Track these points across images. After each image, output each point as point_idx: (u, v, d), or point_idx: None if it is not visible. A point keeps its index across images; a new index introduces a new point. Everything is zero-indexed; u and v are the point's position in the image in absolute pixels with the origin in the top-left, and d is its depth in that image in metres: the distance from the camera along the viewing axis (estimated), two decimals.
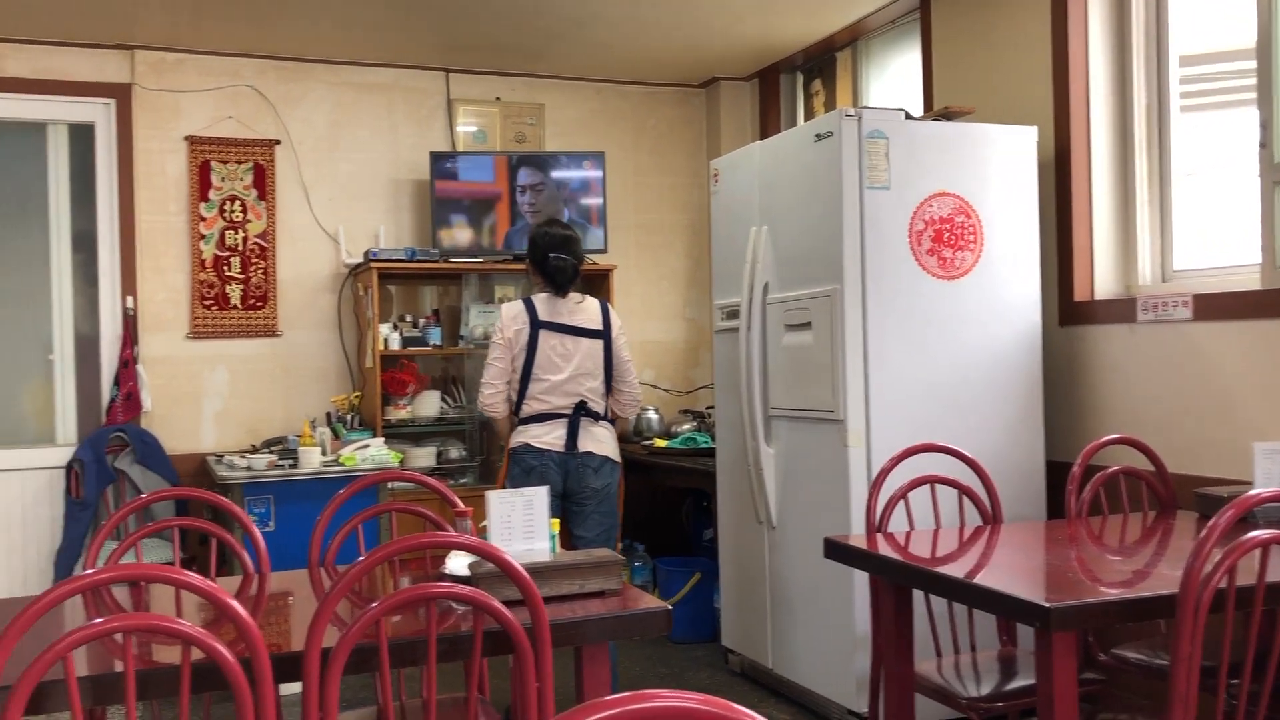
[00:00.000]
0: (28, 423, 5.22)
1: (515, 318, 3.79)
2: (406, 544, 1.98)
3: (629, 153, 6.04)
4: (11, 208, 5.18)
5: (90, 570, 1.85)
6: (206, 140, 5.25)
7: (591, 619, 2.22)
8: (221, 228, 5.27)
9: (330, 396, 5.38)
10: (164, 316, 5.21)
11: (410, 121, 5.63)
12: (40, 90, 5.05)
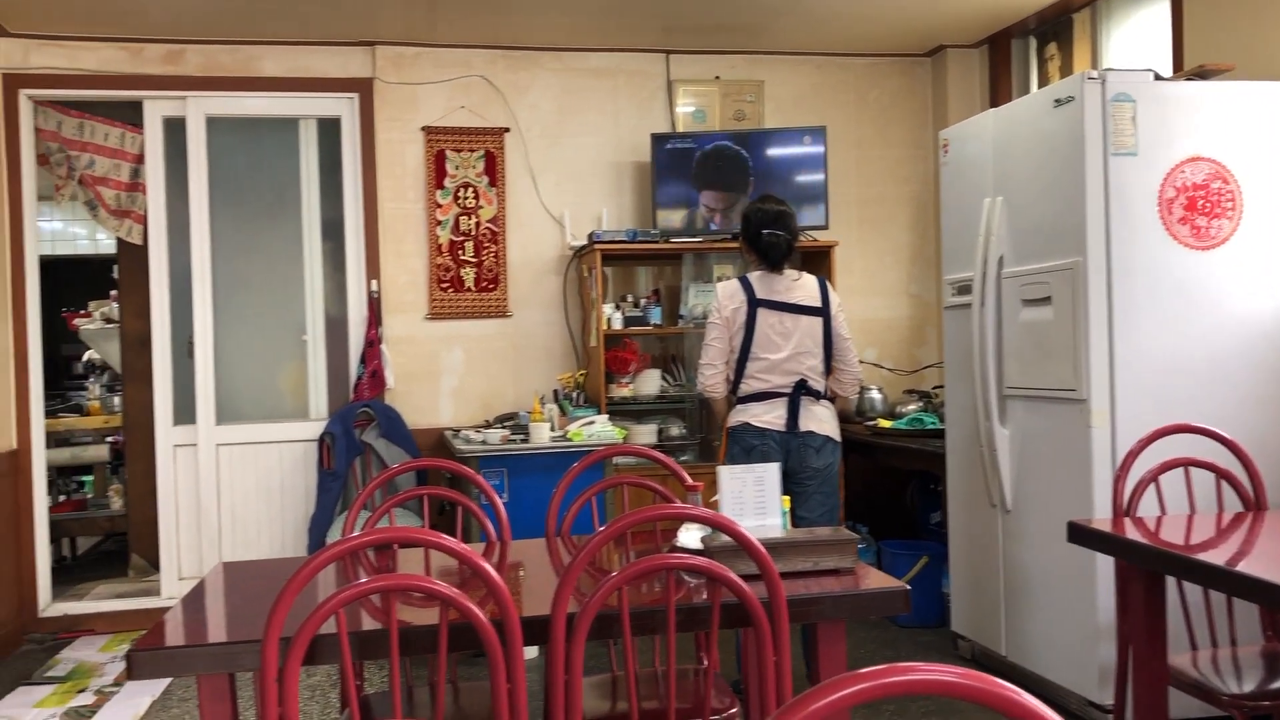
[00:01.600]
0: (285, 399, 5.63)
1: (732, 296, 3.76)
2: (651, 513, 2.01)
3: (851, 126, 5.93)
4: (269, 199, 5.59)
5: (354, 534, 1.98)
6: (441, 130, 5.50)
7: (827, 596, 2.20)
8: (456, 214, 5.52)
9: (556, 374, 5.54)
10: (405, 299, 5.50)
11: (632, 104, 5.72)
12: (292, 88, 5.42)
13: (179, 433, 5.38)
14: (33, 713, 4.05)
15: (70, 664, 4.66)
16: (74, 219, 9.16)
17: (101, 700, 4.17)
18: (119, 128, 5.46)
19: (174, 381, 5.39)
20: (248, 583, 2.57)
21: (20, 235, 5.19)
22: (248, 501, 5.40)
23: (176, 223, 5.41)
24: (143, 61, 5.29)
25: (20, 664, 4.72)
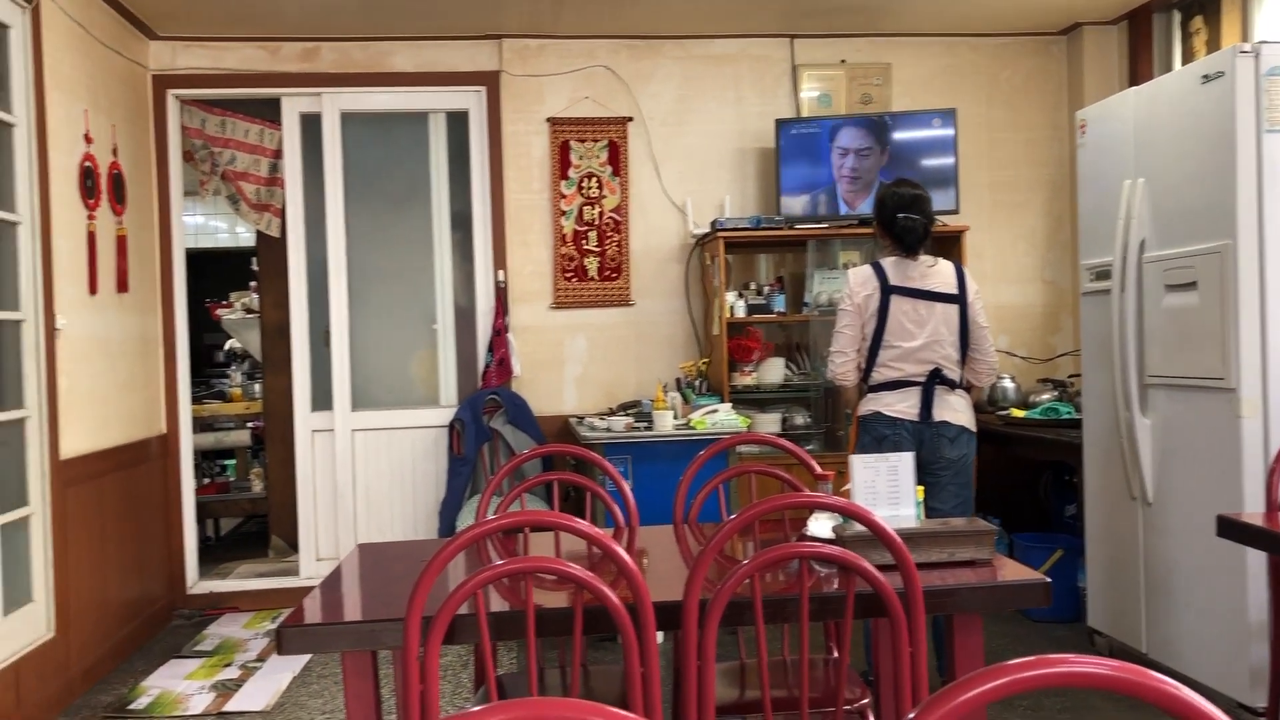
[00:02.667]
0: (416, 386, 5.77)
1: (864, 282, 3.68)
2: (786, 501, 2.00)
3: (981, 108, 5.78)
4: (401, 192, 5.73)
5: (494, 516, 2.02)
6: (566, 121, 5.55)
7: (964, 587, 2.16)
8: (580, 204, 5.57)
9: (679, 363, 5.55)
10: (530, 288, 5.58)
11: (755, 90, 5.68)
12: (423, 82, 5.54)
13: (316, 418, 5.57)
14: (184, 684, 4.25)
15: (216, 639, 4.88)
16: (215, 213, 9.55)
17: (246, 675, 4.35)
18: (258, 124, 5.67)
19: (312, 369, 5.58)
20: (384, 564, 2.65)
21: (169, 229, 5.43)
22: (381, 485, 5.56)
23: (313, 216, 5.59)
24: (280, 60, 5.48)
25: (171, 638, 4.96)
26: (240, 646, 4.75)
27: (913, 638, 1.97)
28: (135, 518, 4.90)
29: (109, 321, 4.70)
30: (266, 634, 4.95)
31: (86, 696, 4.16)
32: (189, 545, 5.49)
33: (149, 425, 5.17)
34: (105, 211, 4.69)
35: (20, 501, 3.92)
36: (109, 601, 4.55)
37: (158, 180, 5.40)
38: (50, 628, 4.00)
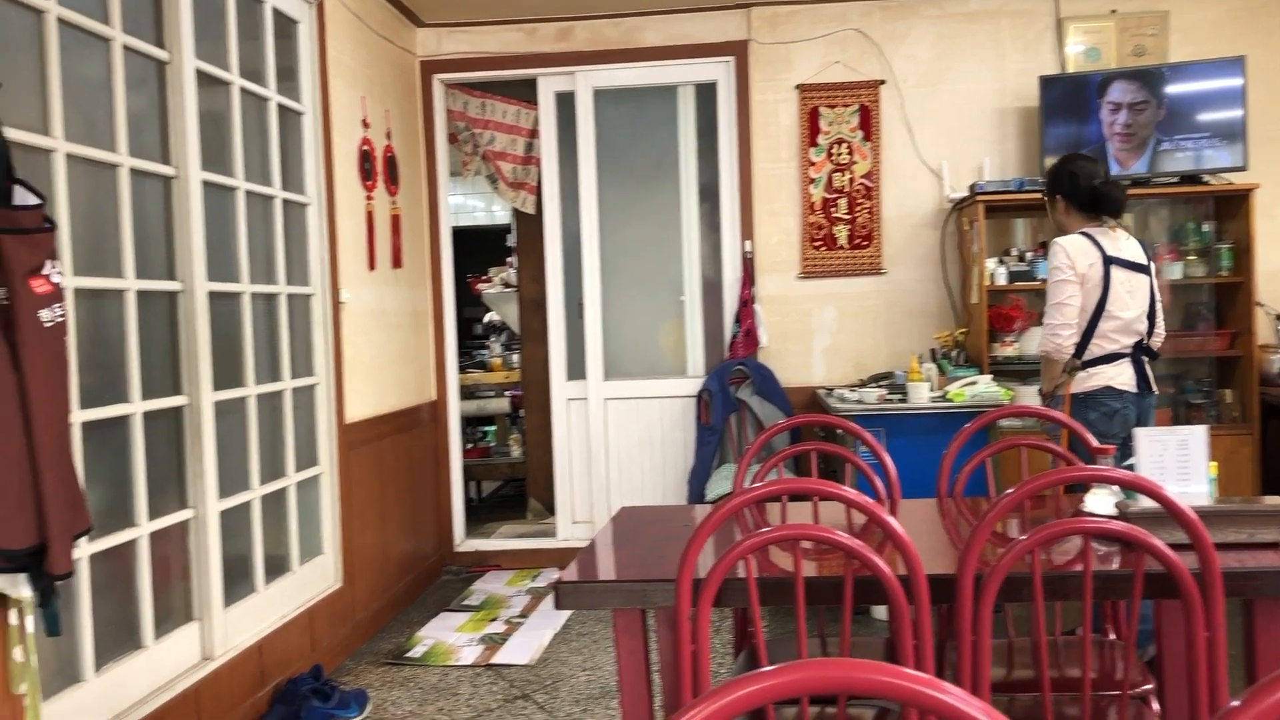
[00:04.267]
0: (664, 356, 5.87)
1: (1085, 252, 3.56)
2: (1072, 474, 1.91)
3: (1276, 55, 5.28)
4: (649, 165, 5.82)
5: (760, 484, 2.03)
6: (815, 87, 5.47)
7: (1268, 571, 1.99)
8: (829, 171, 5.48)
9: (932, 333, 5.38)
10: (777, 258, 5.55)
11: (1016, 47, 5.41)
12: (671, 55, 5.59)
13: (571, 387, 5.76)
14: (454, 635, 4.52)
15: (482, 595, 5.16)
16: (472, 192, 10.01)
17: (511, 630, 4.57)
18: (515, 105, 5.90)
19: (567, 340, 5.77)
20: (646, 526, 2.71)
21: (436, 208, 5.74)
22: (631, 452, 5.70)
23: (567, 191, 5.77)
24: (537, 40, 5.67)
25: (441, 592, 5.28)
26: (504, 603, 5.00)
27: (1210, 622, 1.84)
28: (409, 479, 5.24)
29: (385, 295, 5.03)
30: (528, 591, 5.18)
31: (369, 643, 4.49)
32: (456, 506, 5.82)
33: (420, 392, 5.50)
34: (381, 192, 5.00)
35: (311, 461, 4.26)
36: (387, 556, 4.88)
37: (426, 161, 5.71)
38: (338, 578, 4.34)
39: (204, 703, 3.25)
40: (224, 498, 3.52)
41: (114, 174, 3.09)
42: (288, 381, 4.07)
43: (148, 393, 3.18)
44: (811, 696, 1.14)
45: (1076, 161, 3.72)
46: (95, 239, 3.01)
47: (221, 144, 3.68)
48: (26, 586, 2.38)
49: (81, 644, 2.84)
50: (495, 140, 5.92)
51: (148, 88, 3.32)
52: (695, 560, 1.90)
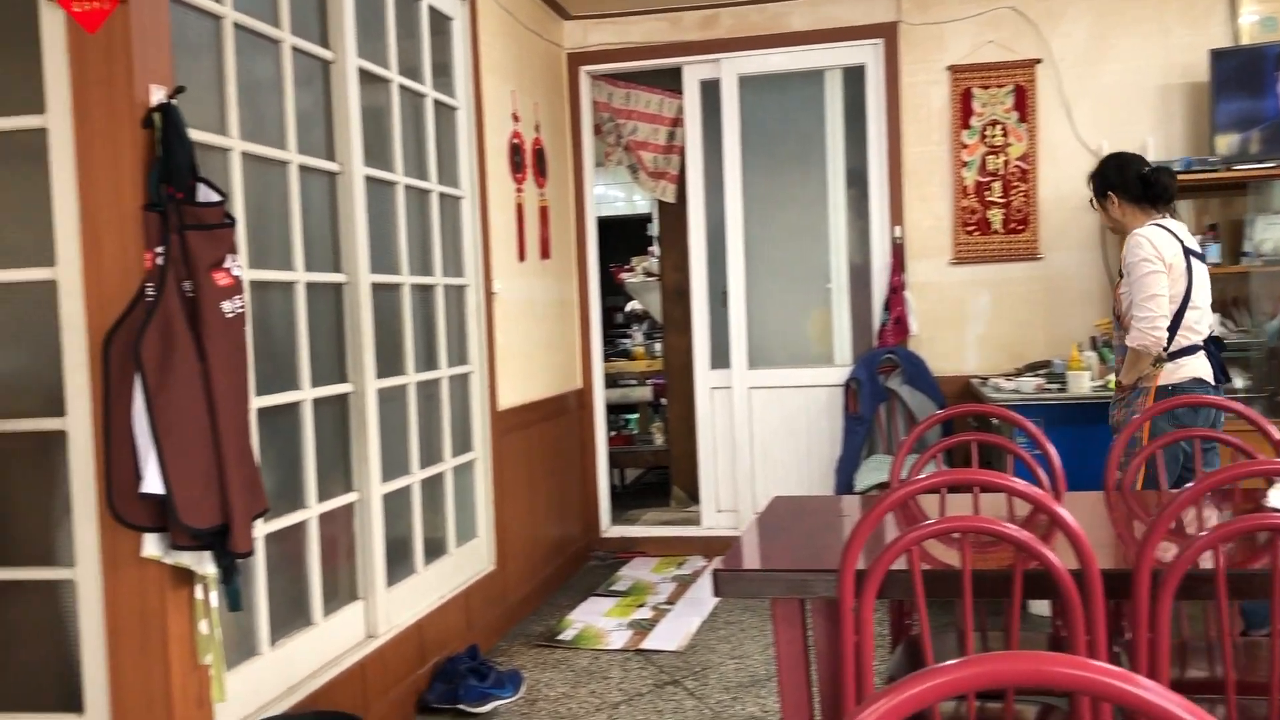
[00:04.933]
0: (810, 344, 5.81)
1: (1168, 243, 3.49)
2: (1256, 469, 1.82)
3: None
4: (795, 151, 5.77)
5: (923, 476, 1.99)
6: (968, 68, 5.33)
7: None
8: (983, 153, 5.33)
9: (1093, 320, 5.19)
10: (928, 244, 5.43)
11: (1182, 20, 5.15)
12: (818, 40, 5.52)
13: (715, 376, 5.76)
14: (603, 620, 4.58)
15: (629, 581, 5.21)
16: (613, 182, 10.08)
17: (658, 616, 4.61)
18: (658, 94, 5.92)
19: (710, 329, 5.77)
20: (801, 517, 2.70)
21: (582, 199, 5.81)
22: (776, 442, 5.67)
23: (711, 180, 5.76)
24: (681, 29, 5.67)
25: (588, 577, 5.36)
26: (651, 589, 5.04)
27: None
28: (556, 465, 5.33)
29: (534, 286, 5.12)
30: (674, 578, 5.22)
31: (520, 625, 4.60)
32: (602, 492, 5.89)
33: (567, 380, 5.59)
34: (530, 184, 5.09)
35: (466, 447, 4.38)
36: (537, 540, 4.98)
37: (573, 153, 5.79)
38: (491, 561, 4.45)
39: (369, 678, 3.38)
40: (386, 481, 3.64)
41: (284, 171, 3.23)
42: (444, 370, 4.19)
43: (316, 380, 3.31)
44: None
45: (1119, 156, 3.73)
46: (267, 233, 3.16)
47: (381, 140, 3.81)
48: (211, 564, 2.52)
49: (258, 619, 2.99)
50: (638, 130, 5.96)
51: (313, 87, 3.46)
52: (859, 551, 1.88)
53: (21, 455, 2.57)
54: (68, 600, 2.60)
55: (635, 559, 5.65)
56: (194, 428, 2.40)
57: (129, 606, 2.50)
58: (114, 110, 2.47)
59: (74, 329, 2.52)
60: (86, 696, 2.56)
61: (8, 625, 2.67)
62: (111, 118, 2.47)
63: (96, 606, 2.53)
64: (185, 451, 2.38)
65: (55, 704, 2.62)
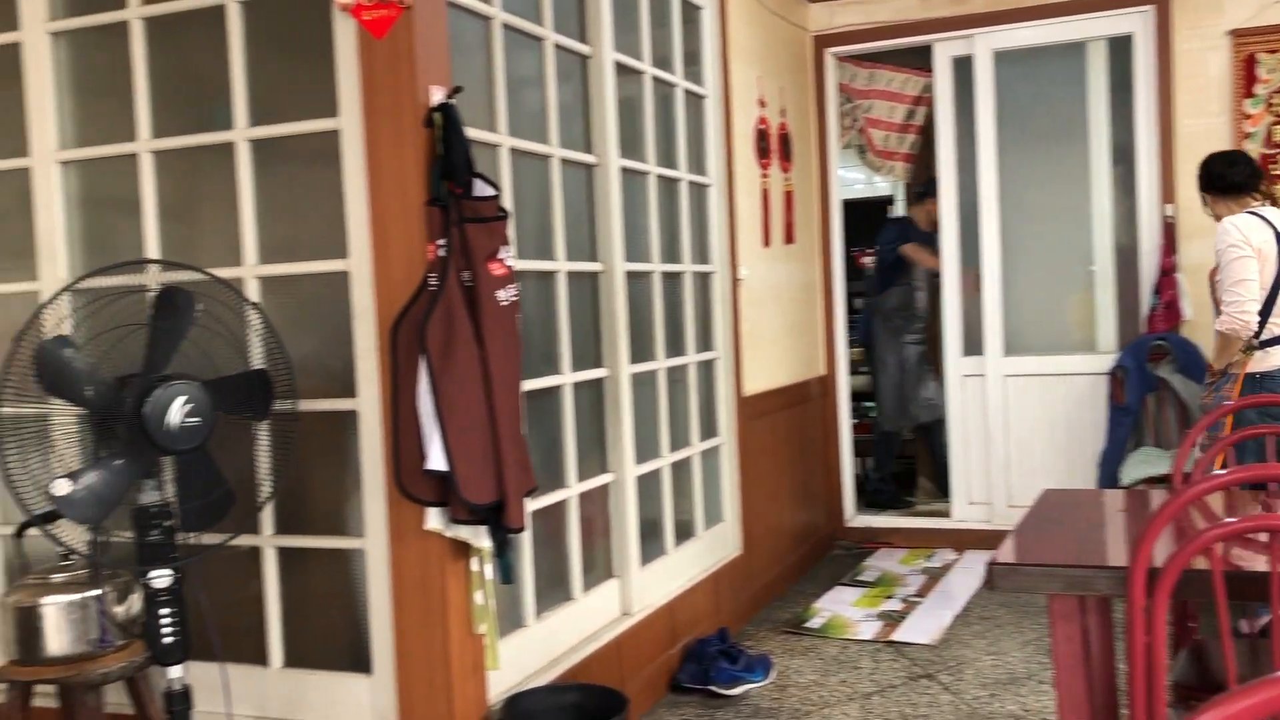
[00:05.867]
0: (1070, 331, 5.53)
1: (1257, 229, 3.58)
2: None
3: None
4: (1053, 128, 5.49)
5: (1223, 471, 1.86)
6: (1252, 31, 4.91)
7: None
8: (1268, 123, 4.91)
9: None
10: (1205, 222, 5.03)
11: None
12: (1079, 10, 5.23)
13: (966, 363, 5.57)
14: (850, 610, 4.53)
15: (876, 572, 5.13)
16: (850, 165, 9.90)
17: (908, 608, 4.52)
18: (903, 73, 5.77)
19: (963, 314, 5.58)
20: (1073, 510, 2.58)
21: (827, 183, 5.74)
22: (1034, 432, 5.42)
23: (960, 160, 5.56)
24: (931, 6, 5.50)
25: (832, 566, 5.31)
26: (899, 581, 4.95)
27: None
28: (800, 453, 5.31)
29: (778, 271, 5.11)
30: (923, 571, 5.09)
31: (766, 611, 4.61)
32: (846, 481, 5.82)
33: (811, 367, 5.55)
34: (775, 169, 5.08)
35: (713, 432, 4.42)
36: (781, 527, 4.98)
37: (817, 136, 5.72)
38: (738, 546, 4.48)
39: (625, 654, 3.48)
40: (639, 464, 3.73)
41: (546, 164, 3.35)
42: (691, 356, 4.25)
43: (575, 365, 3.43)
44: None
45: (1209, 156, 3.98)
46: (530, 225, 3.29)
47: (634, 131, 3.89)
48: (486, 538, 2.66)
49: (524, 593, 3.13)
50: (873, 108, 5.84)
51: (572, 81, 3.57)
52: (1151, 549, 1.78)
53: (318, 433, 2.79)
54: (358, 568, 2.80)
55: (881, 550, 5.55)
56: (473, 409, 2.54)
57: (412, 576, 2.68)
58: (399, 111, 2.63)
59: (364, 316, 2.71)
60: (374, 658, 2.76)
61: (306, 589, 2.91)
62: (397, 118, 2.64)
63: (383, 575, 2.71)
64: (466, 431, 2.52)
65: (347, 664, 2.84)
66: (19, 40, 3.04)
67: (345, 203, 2.72)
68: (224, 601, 2.79)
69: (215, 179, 2.93)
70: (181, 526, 2.46)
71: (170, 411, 2.30)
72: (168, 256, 2.91)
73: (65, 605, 2.50)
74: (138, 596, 2.56)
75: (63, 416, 2.53)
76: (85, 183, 3.09)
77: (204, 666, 2.68)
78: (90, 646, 2.52)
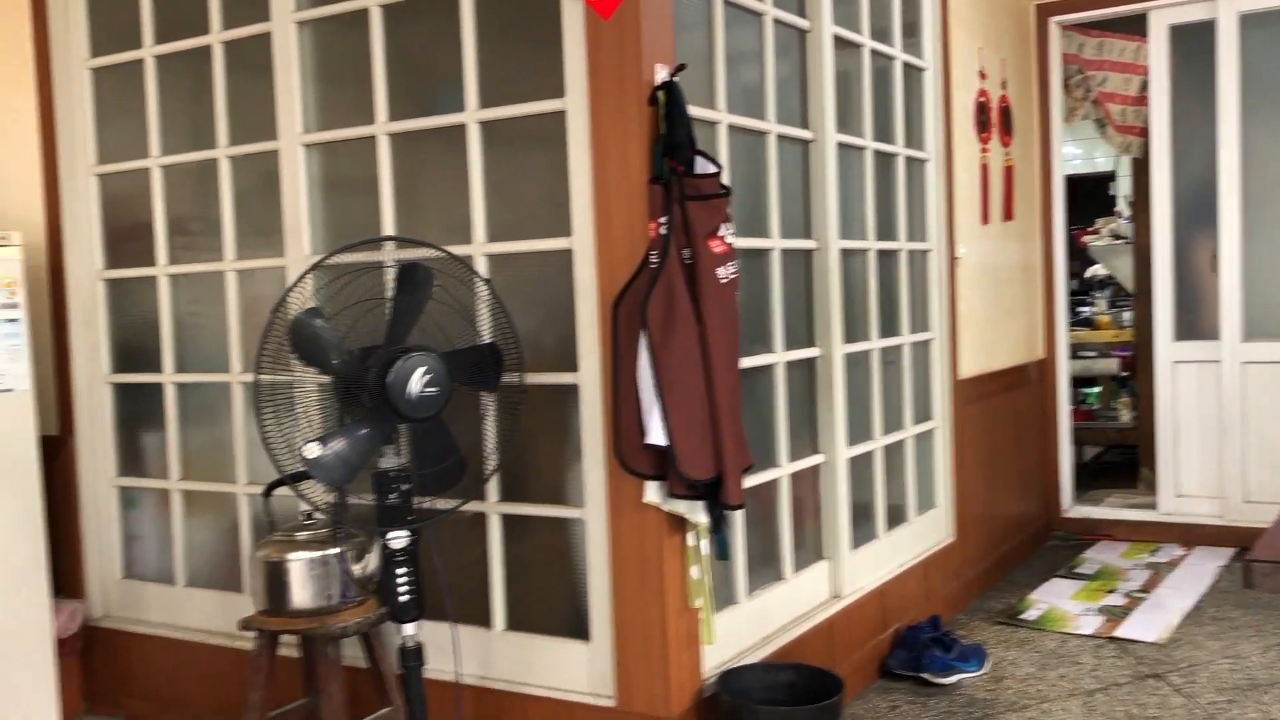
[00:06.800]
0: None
1: None
2: None
3: None
4: None
5: None
6: None
7: None
8: None
9: None
10: None
11: None
12: None
13: (1180, 349, 5.25)
14: (1069, 603, 4.34)
15: (1095, 564, 4.89)
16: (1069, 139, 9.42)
17: (1132, 604, 4.29)
18: (1136, 41, 5.44)
19: (1175, 297, 5.25)
20: None
21: (1049, 158, 5.49)
22: (1275, 423, 5.04)
23: (1183, 133, 5.21)
24: None
25: (1048, 557, 5.10)
26: (1121, 575, 4.70)
27: None
28: (1015, 439, 5.11)
29: (996, 250, 4.92)
30: (1147, 565, 4.83)
31: (978, 600, 4.47)
32: (1064, 470, 5.57)
33: (1029, 350, 5.33)
34: (995, 144, 4.88)
35: (926, 416, 4.31)
36: (995, 515, 4.81)
37: (1040, 109, 5.47)
38: (950, 533, 4.36)
39: (835, 637, 3.44)
40: (851, 445, 3.67)
41: (762, 141, 3.33)
42: (905, 336, 4.14)
43: (788, 344, 3.40)
44: None
45: None
46: (745, 202, 3.27)
47: (851, 105, 3.81)
48: (704, 513, 2.68)
49: (736, 570, 3.13)
50: (1107, 81, 5.53)
51: (790, 56, 3.53)
52: None
53: (540, 405, 2.87)
54: (577, 537, 2.88)
55: (1100, 541, 5.29)
56: (693, 385, 2.56)
57: (629, 548, 2.73)
58: (624, 90, 2.66)
59: (586, 293, 2.76)
60: (592, 626, 2.82)
61: (528, 555, 3.01)
62: (621, 97, 2.67)
63: (602, 545, 2.77)
64: (685, 407, 2.54)
65: (565, 630, 2.92)
66: (269, 30, 3.23)
67: (569, 182, 2.78)
68: (450, 564, 2.91)
69: (442, 160, 3.04)
70: (418, 491, 2.58)
71: (411, 381, 2.42)
72: (400, 234, 3.05)
73: (309, 561, 2.66)
74: (373, 556, 2.71)
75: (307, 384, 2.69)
76: (326, 164, 3.27)
77: (433, 626, 2.81)
78: (330, 601, 2.67)
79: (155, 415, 3.59)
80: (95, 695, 3.66)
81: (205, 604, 3.49)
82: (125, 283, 3.65)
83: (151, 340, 3.57)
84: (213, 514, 3.54)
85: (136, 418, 3.67)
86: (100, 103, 3.65)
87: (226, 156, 3.38)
